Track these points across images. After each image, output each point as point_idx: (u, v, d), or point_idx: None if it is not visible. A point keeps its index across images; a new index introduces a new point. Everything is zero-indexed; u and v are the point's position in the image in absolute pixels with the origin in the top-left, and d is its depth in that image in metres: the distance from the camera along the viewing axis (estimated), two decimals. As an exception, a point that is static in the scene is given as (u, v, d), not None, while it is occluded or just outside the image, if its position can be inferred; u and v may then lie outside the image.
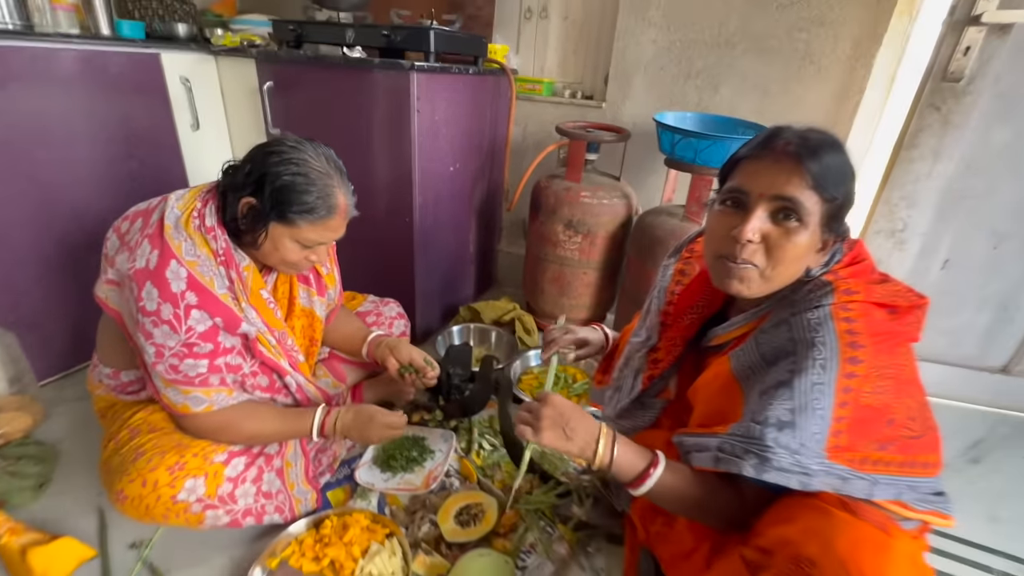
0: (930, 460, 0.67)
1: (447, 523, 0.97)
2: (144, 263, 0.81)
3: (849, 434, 0.60)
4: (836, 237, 0.67)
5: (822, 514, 0.57)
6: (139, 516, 0.83)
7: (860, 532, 0.54)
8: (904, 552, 0.54)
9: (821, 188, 0.62)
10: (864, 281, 0.67)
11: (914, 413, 0.64)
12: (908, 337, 0.67)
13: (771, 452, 0.60)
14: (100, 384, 1.02)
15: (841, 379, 0.60)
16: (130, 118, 1.36)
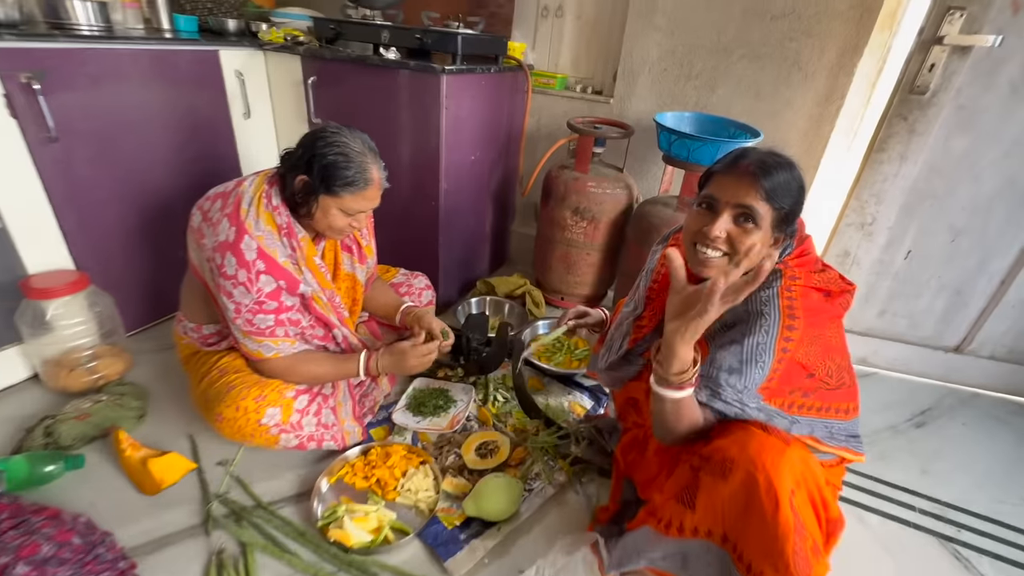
0: (843, 407, 0.88)
1: (469, 454, 1.20)
2: (225, 237, 1.02)
3: (779, 382, 0.81)
4: (785, 235, 0.87)
5: (746, 432, 0.78)
6: (231, 434, 1.06)
7: (767, 441, 0.75)
8: (796, 454, 0.75)
9: (772, 200, 0.81)
10: (806, 270, 0.87)
11: (833, 371, 0.84)
12: (836, 315, 0.87)
13: (721, 389, 0.81)
14: (184, 336, 1.25)
15: (780, 342, 0.80)
16: (193, 108, 1.55)
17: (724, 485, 0.76)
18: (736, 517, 0.75)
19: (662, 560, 0.83)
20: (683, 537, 0.81)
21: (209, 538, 1.01)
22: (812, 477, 0.76)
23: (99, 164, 1.35)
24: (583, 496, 1.18)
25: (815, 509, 0.75)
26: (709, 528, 0.78)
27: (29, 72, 1.16)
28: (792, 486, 0.72)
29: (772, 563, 0.73)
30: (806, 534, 0.71)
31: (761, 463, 0.72)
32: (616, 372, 1.09)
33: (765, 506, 0.71)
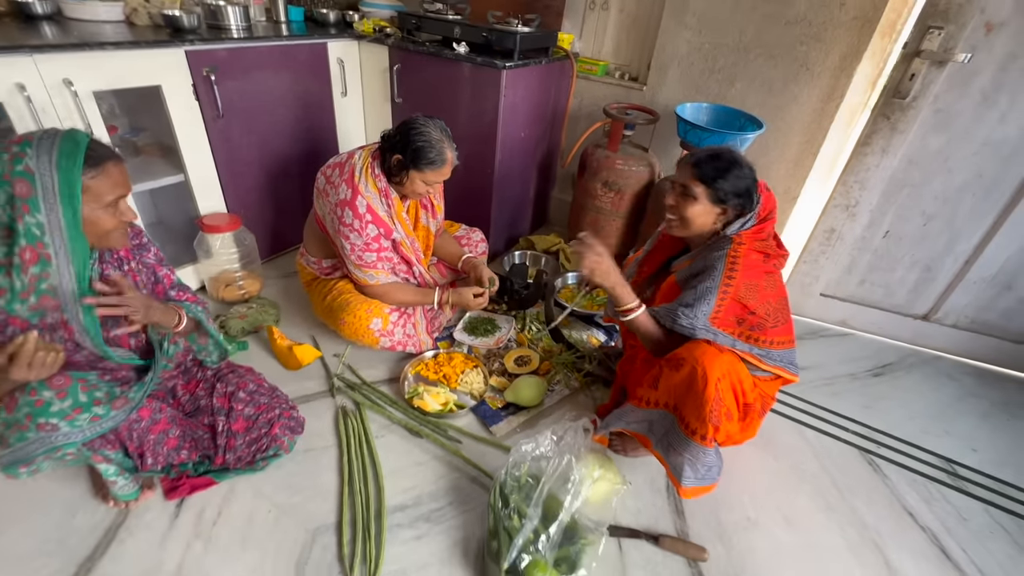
0: (779, 340, 1.23)
1: (509, 362, 1.65)
2: (344, 196, 1.45)
3: (724, 314, 1.19)
4: (730, 209, 1.19)
5: (696, 343, 1.17)
6: (349, 335, 1.54)
7: (708, 348, 1.14)
8: (726, 358, 1.13)
9: (704, 182, 1.16)
10: (752, 238, 1.21)
11: (770, 312, 1.20)
12: (770, 270, 1.21)
13: (678, 316, 1.20)
14: (307, 266, 1.72)
15: (722, 286, 1.17)
16: (307, 89, 1.98)
17: (676, 374, 1.16)
18: (682, 394, 1.16)
19: (636, 424, 1.26)
20: (649, 408, 1.22)
21: (334, 399, 1.50)
22: (735, 373, 1.15)
23: (246, 135, 1.81)
24: (590, 398, 1.61)
25: (735, 393, 1.15)
26: (666, 401, 1.20)
27: (208, 67, 1.60)
28: (719, 375, 1.11)
29: (697, 418, 1.13)
30: (722, 405, 1.11)
31: (700, 361, 1.12)
32: (619, 307, 1.49)
33: (699, 386, 1.11)
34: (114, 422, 1.00)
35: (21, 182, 0.83)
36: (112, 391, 1.00)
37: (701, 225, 1.21)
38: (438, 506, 1.25)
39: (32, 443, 0.91)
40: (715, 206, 1.19)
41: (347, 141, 2.19)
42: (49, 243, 0.86)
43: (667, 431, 1.21)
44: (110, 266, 1.03)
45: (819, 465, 1.49)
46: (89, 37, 1.41)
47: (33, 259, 0.86)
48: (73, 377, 0.94)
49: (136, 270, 1.08)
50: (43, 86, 1.29)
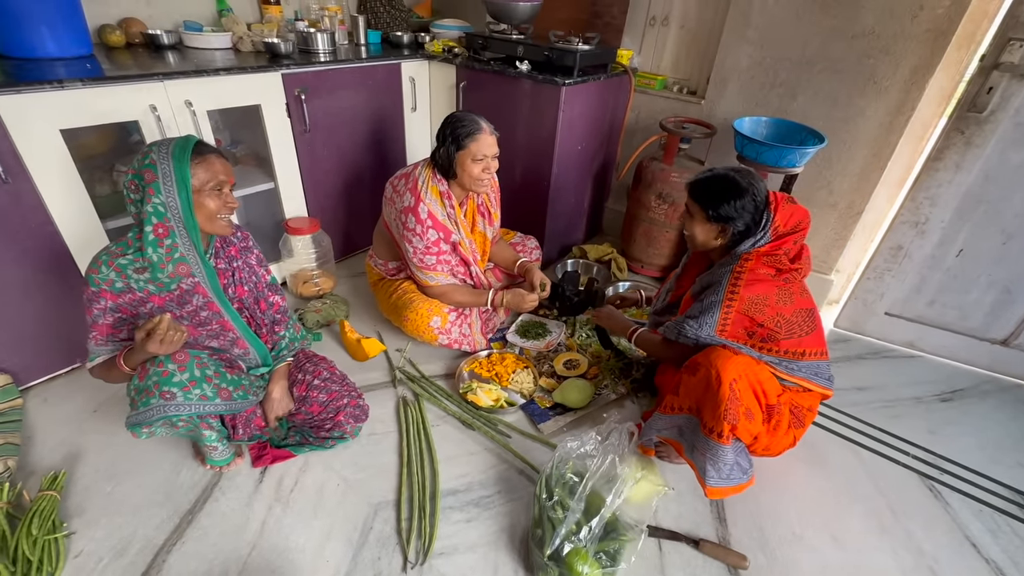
0: (797, 351, 1.23)
1: (558, 365, 1.72)
2: (408, 203, 1.58)
3: (732, 326, 1.21)
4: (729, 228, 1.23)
5: (712, 348, 1.20)
6: (411, 331, 1.68)
7: (721, 352, 1.17)
8: (741, 359, 1.16)
9: (697, 202, 1.23)
10: (761, 255, 1.22)
11: (782, 323, 1.21)
12: (779, 284, 1.21)
13: (684, 329, 1.25)
14: (375, 268, 1.88)
15: (725, 300, 1.20)
16: (381, 105, 2.16)
17: (694, 378, 1.21)
18: (700, 396, 1.20)
19: (667, 430, 1.30)
20: (675, 414, 1.27)
21: (396, 390, 1.64)
22: (753, 374, 1.17)
23: (327, 147, 2.00)
24: (636, 405, 1.65)
25: (755, 394, 1.17)
26: (689, 405, 1.24)
27: (299, 88, 1.80)
28: (734, 376, 1.14)
29: (713, 416, 1.17)
30: (739, 403, 1.14)
31: (715, 363, 1.16)
32: (661, 316, 1.54)
33: (713, 386, 1.15)
34: (216, 409, 1.17)
35: (148, 171, 1.03)
36: (224, 376, 1.18)
37: (703, 242, 1.28)
38: (487, 493, 1.34)
39: (153, 408, 1.09)
40: (712, 224, 1.25)
41: (413, 152, 2.36)
42: (172, 219, 1.05)
43: (693, 434, 1.25)
44: (223, 261, 1.21)
45: (874, 486, 1.45)
46: (205, 64, 1.64)
47: (164, 233, 1.05)
48: (191, 354, 1.12)
49: (241, 268, 1.26)
50: (170, 106, 1.52)
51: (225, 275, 1.23)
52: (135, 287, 1.08)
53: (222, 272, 1.22)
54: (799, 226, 1.27)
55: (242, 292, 1.27)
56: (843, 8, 1.78)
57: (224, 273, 1.23)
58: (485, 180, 1.63)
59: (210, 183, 1.08)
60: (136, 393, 1.10)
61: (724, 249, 1.29)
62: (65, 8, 1.50)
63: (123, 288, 1.08)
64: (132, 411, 1.11)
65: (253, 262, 1.30)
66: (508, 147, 1.61)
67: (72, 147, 1.38)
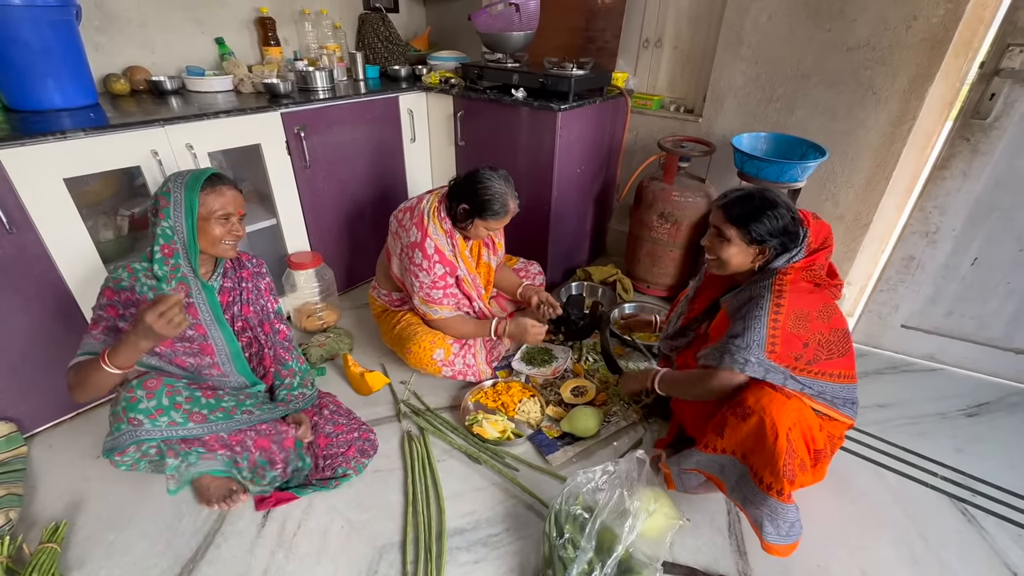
0: (837, 373, 1.19)
1: (566, 393, 1.68)
2: (414, 238, 1.58)
3: (782, 346, 1.16)
4: (769, 248, 1.19)
5: (761, 388, 1.14)
6: (414, 363, 1.66)
7: (775, 396, 1.11)
8: (794, 405, 1.10)
9: (737, 224, 1.18)
10: (798, 269, 1.18)
11: (823, 343, 1.16)
12: (823, 299, 1.18)
13: (732, 349, 1.18)
14: (378, 299, 1.87)
15: (771, 313, 1.14)
16: (380, 138, 2.18)
17: (743, 424, 1.13)
18: (751, 446, 1.12)
19: (706, 465, 1.23)
20: (717, 454, 1.20)
21: (400, 424, 1.61)
22: (805, 421, 1.11)
23: (327, 182, 2.02)
24: (648, 431, 1.60)
25: (806, 442, 1.11)
26: (733, 449, 1.16)
27: (299, 126, 1.83)
28: (789, 425, 1.08)
29: (770, 471, 1.10)
30: (795, 456, 1.08)
31: (768, 410, 1.09)
32: (673, 341, 1.49)
33: (768, 438, 1.08)
34: (190, 432, 1.18)
35: (163, 198, 1.15)
36: (197, 400, 1.19)
37: (739, 265, 1.23)
38: (495, 532, 1.29)
39: (124, 434, 1.13)
40: (751, 247, 1.20)
41: (414, 182, 2.38)
42: (177, 241, 1.15)
43: (739, 479, 1.17)
44: (231, 280, 1.28)
45: (902, 511, 1.38)
46: (206, 107, 1.67)
47: (170, 253, 1.16)
48: (164, 381, 1.15)
49: (250, 290, 1.32)
50: (171, 150, 1.55)
51: (231, 293, 1.29)
52: (137, 288, 1.16)
53: (227, 290, 1.28)
54: (827, 242, 1.23)
55: (247, 311, 1.32)
56: (837, 21, 1.77)
57: (230, 291, 1.29)
58: (486, 238, 1.65)
59: (218, 212, 1.17)
60: (111, 417, 1.14)
61: (754, 270, 1.25)
62: (71, 61, 1.54)
63: (125, 286, 1.15)
64: (108, 436, 1.15)
65: (262, 287, 1.36)
66: (507, 171, 1.60)
67: (76, 194, 1.40)
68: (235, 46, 2.14)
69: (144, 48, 1.93)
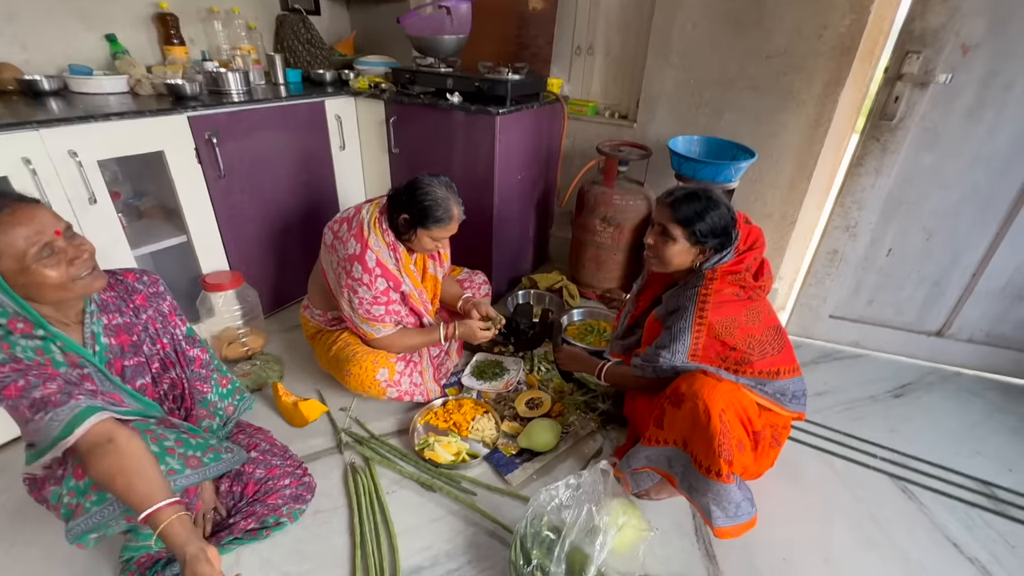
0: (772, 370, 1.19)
1: (520, 406, 1.61)
2: (353, 250, 1.45)
3: (704, 352, 1.16)
4: (708, 248, 1.19)
5: (693, 375, 1.14)
6: (355, 386, 1.51)
7: (705, 380, 1.11)
8: (726, 387, 1.10)
9: (682, 223, 1.18)
10: (726, 272, 1.19)
11: (755, 344, 1.17)
12: (747, 304, 1.19)
13: (658, 359, 1.19)
14: (312, 319, 1.71)
15: (695, 325, 1.16)
16: (306, 146, 2.02)
17: (678, 411, 1.13)
18: (688, 430, 1.12)
19: (655, 460, 1.21)
20: (660, 446, 1.18)
21: (342, 456, 1.45)
22: (738, 401, 1.11)
23: (247, 193, 1.83)
24: (607, 438, 1.56)
25: (742, 423, 1.11)
26: (674, 439, 1.16)
27: (210, 131, 1.64)
28: (723, 407, 1.08)
29: (707, 454, 1.09)
30: (731, 435, 1.07)
31: (700, 394, 1.09)
32: (623, 341, 1.47)
33: (702, 420, 1.08)
34: (190, 481, 1.00)
35: None
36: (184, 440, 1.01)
37: (679, 264, 1.23)
38: (456, 566, 1.18)
39: (110, 503, 0.91)
40: (693, 247, 1.20)
41: (346, 193, 2.22)
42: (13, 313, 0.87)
43: (685, 469, 1.16)
44: (126, 314, 1.04)
45: (852, 496, 1.42)
46: (95, 110, 1.45)
47: (27, 329, 0.88)
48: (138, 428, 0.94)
49: (153, 318, 1.09)
50: (48, 158, 1.31)
51: (133, 331, 1.05)
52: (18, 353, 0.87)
53: (122, 329, 1.03)
54: (756, 244, 1.25)
55: (164, 346, 1.11)
56: (755, 31, 1.86)
57: (131, 328, 1.05)
58: (434, 250, 1.55)
59: (31, 250, 0.82)
60: (78, 495, 0.90)
61: (692, 268, 1.25)
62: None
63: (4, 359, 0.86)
64: (80, 517, 0.91)
65: (166, 310, 1.14)
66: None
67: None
68: (130, 44, 1.90)
69: (13, 44, 1.66)
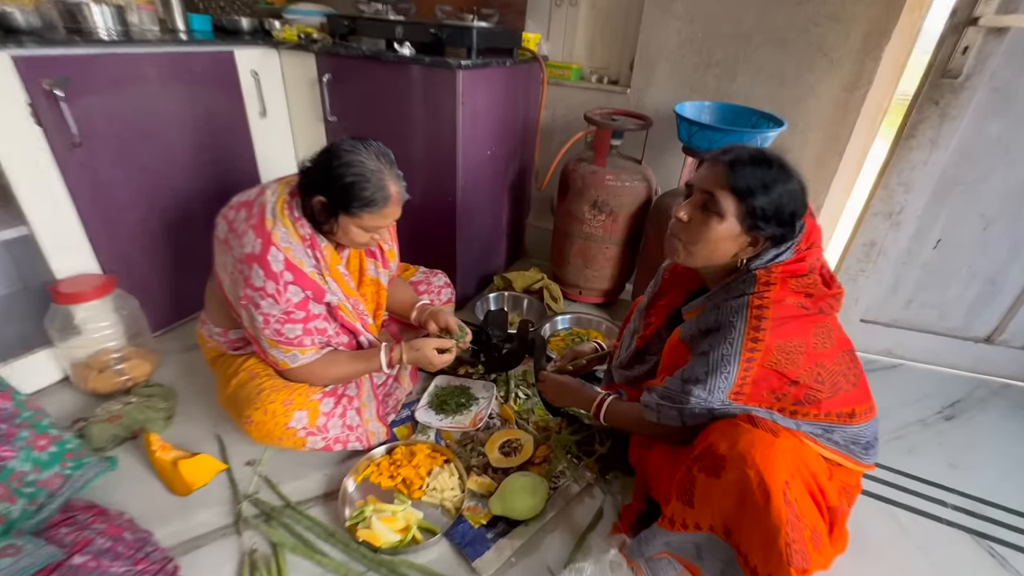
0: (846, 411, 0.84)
1: (493, 453, 1.20)
2: (251, 249, 1.01)
3: (753, 386, 0.80)
4: (768, 238, 0.83)
5: (733, 426, 0.78)
6: (260, 437, 1.07)
7: (755, 435, 0.75)
8: (786, 444, 0.74)
9: (738, 192, 0.80)
10: (786, 275, 0.82)
11: (824, 377, 0.81)
12: (816, 320, 0.82)
13: (688, 399, 0.82)
14: (210, 339, 1.26)
15: (745, 352, 0.79)
16: (210, 109, 1.55)
17: (717, 483, 0.76)
18: (732, 512, 0.75)
19: (677, 547, 0.84)
20: (688, 532, 0.81)
21: (241, 538, 1.02)
22: (806, 466, 0.75)
23: (121, 168, 1.36)
24: (609, 494, 1.17)
25: (814, 499, 0.75)
26: (710, 523, 0.79)
27: (52, 79, 1.16)
28: (786, 478, 0.72)
29: (765, 553, 0.73)
30: (802, 525, 0.71)
31: (751, 458, 0.72)
32: (629, 371, 1.09)
33: (757, 500, 0.71)
34: None
35: None
36: None
37: (720, 255, 0.85)
38: None
39: None
40: (745, 232, 0.82)
41: (270, 173, 1.76)
42: None
43: (725, 567, 0.79)
44: None
45: (929, 564, 1.08)
46: None
47: None
48: None
49: None
50: None
51: None
52: None
53: None
54: (815, 243, 0.89)
55: None
56: (782, -32, 1.49)
57: None
58: (370, 245, 1.13)
59: None
60: None
61: (734, 267, 0.87)
62: None
63: None
64: None
65: None
66: (397, 155, 1.09)
67: None
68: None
69: None
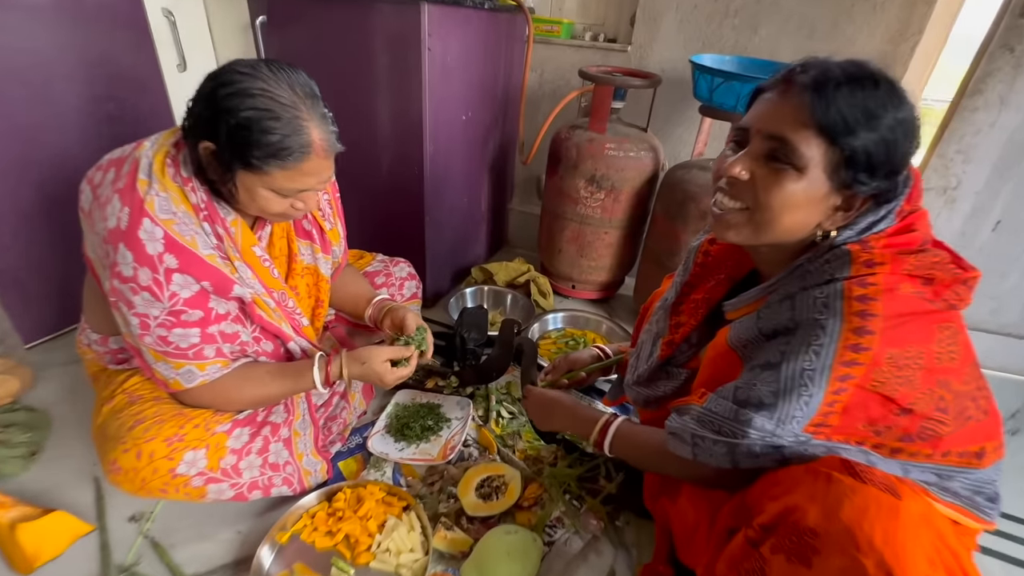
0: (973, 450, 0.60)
1: (468, 496, 0.91)
2: (115, 222, 0.70)
3: (845, 416, 0.55)
4: (868, 197, 0.57)
5: (824, 480, 0.51)
6: (134, 490, 0.76)
7: (866, 497, 0.48)
8: (915, 513, 0.48)
9: (827, 131, 0.53)
10: (894, 251, 0.56)
11: (949, 403, 0.56)
12: (944, 317, 0.56)
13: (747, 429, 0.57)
14: (88, 349, 0.94)
15: (838, 367, 0.53)
16: (108, 55, 1.22)
17: (807, 572, 0.48)
18: None
19: None
20: None
21: (103, 637, 0.71)
22: (946, 545, 0.49)
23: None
24: (621, 548, 0.89)
25: None
26: None
27: None
28: (926, 569, 0.45)
29: None
30: None
31: (867, 538, 0.46)
32: (647, 389, 0.80)
33: None
34: None
35: None
36: None
37: (797, 227, 0.59)
38: None
39: None
40: (835, 191, 0.57)
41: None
42: None
43: None
44: None
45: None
46: None
47: None
48: None
49: None
50: None
51: None
52: None
53: None
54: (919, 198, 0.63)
55: None
56: None
57: None
58: (294, 216, 0.81)
59: None
60: None
61: (811, 243, 0.60)
62: None
63: None
64: None
65: None
66: (351, 117, 0.80)
67: None
68: None
69: None
